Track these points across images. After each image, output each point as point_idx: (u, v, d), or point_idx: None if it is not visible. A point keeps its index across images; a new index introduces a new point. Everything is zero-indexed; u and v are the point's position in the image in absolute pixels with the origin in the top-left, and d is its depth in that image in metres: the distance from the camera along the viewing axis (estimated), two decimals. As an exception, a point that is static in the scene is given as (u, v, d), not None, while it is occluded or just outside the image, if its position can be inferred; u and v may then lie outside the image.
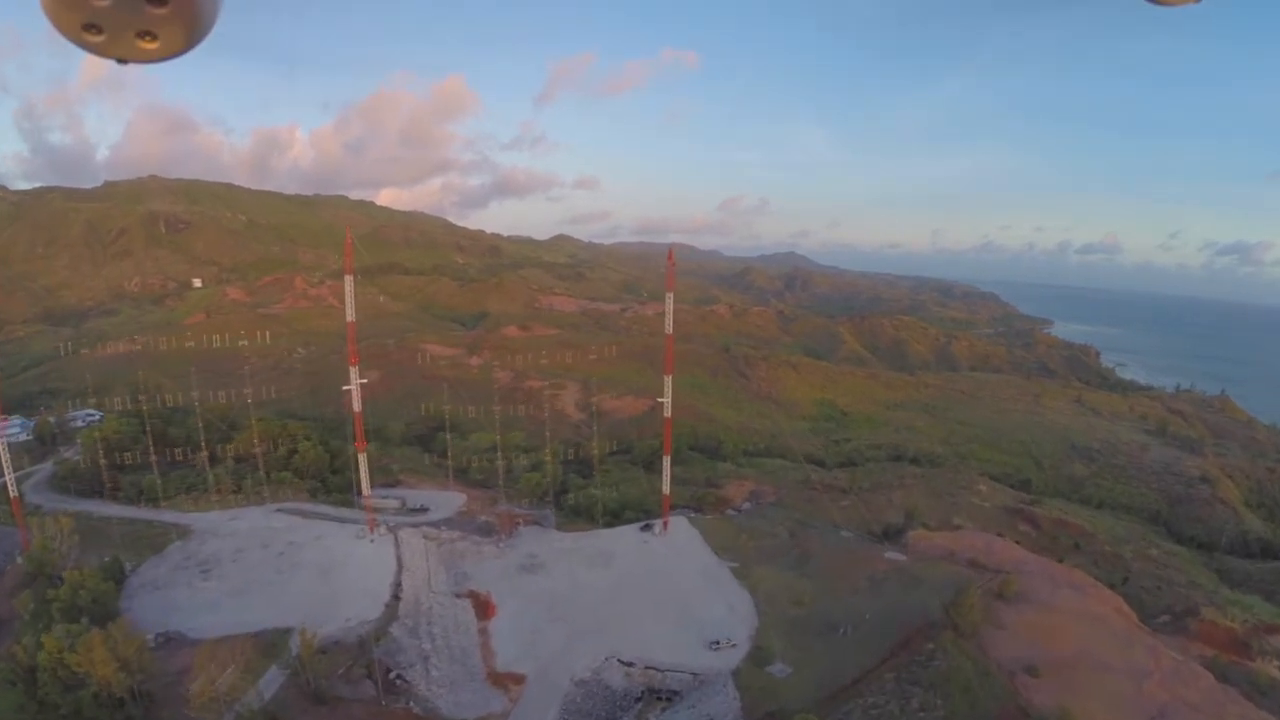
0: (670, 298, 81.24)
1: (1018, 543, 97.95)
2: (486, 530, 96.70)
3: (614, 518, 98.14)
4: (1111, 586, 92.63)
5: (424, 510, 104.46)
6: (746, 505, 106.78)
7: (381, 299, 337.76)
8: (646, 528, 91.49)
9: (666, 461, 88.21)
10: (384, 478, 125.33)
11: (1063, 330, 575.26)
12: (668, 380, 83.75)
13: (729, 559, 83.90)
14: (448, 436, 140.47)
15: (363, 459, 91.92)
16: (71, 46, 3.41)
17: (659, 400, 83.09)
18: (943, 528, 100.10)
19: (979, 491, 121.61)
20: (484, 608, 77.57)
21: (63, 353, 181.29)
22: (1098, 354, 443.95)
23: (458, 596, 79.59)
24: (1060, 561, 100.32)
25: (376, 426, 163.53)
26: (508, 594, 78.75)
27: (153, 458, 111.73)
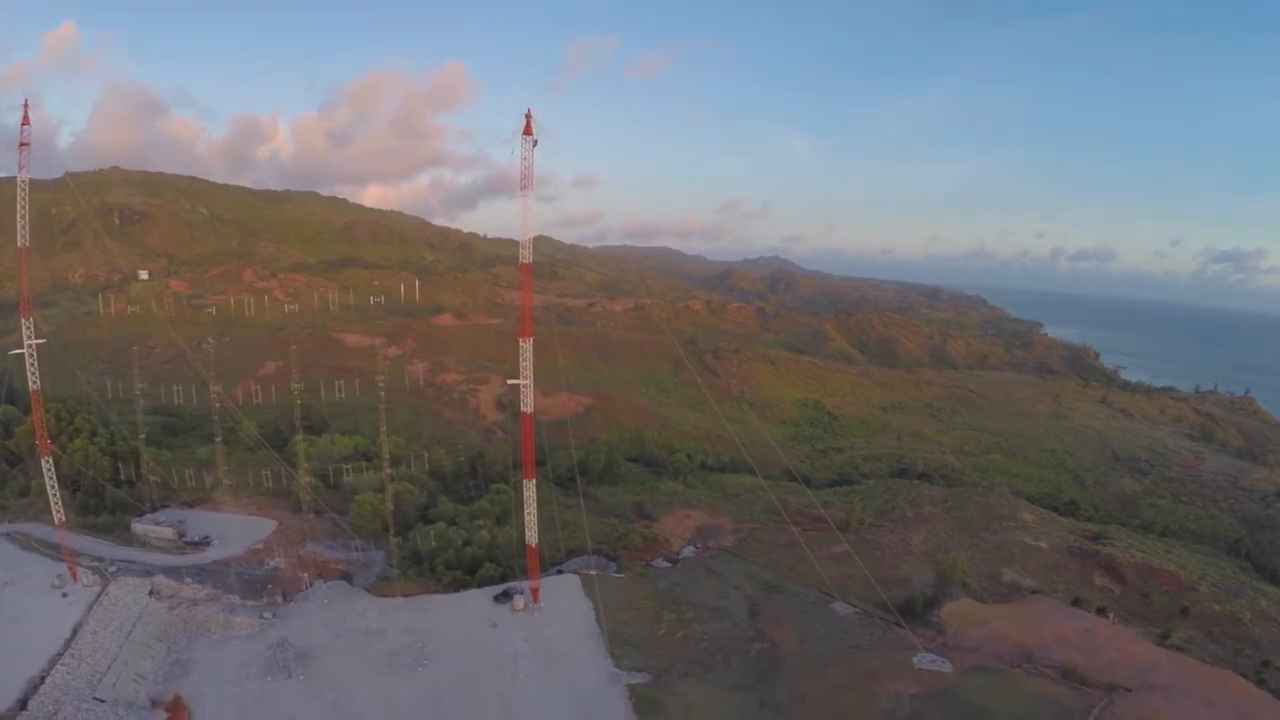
0: (529, 198, 44.28)
1: (1105, 613, 61.86)
2: (259, 585, 59.83)
3: (467, 574, 60.92)
4: (1260, 682, 57.46)
5: (204, 544, 71.84)
6: (688, 551, 69.86)
7: (311, 290, 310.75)
8: (505, 597, 54.42)
9: (529, 490, 51.24)
10: (189, 495, 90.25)
11: (1054, 333, 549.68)
12: (524, 347, 46.82)
13: (632, 665, 46.97)
14: (322, 440, 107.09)
15: (47, 469, 54.84)
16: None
17: (585, 402, 45.91)
18: (992, 589, 63.94)
19: (1025, 523, 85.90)
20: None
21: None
22: (1097, 355, 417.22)
23: (151, 707, 46.39)
24: (1168, 639, 64.75)
25: (231, 426, 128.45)
26: (229, 712, 45.02)
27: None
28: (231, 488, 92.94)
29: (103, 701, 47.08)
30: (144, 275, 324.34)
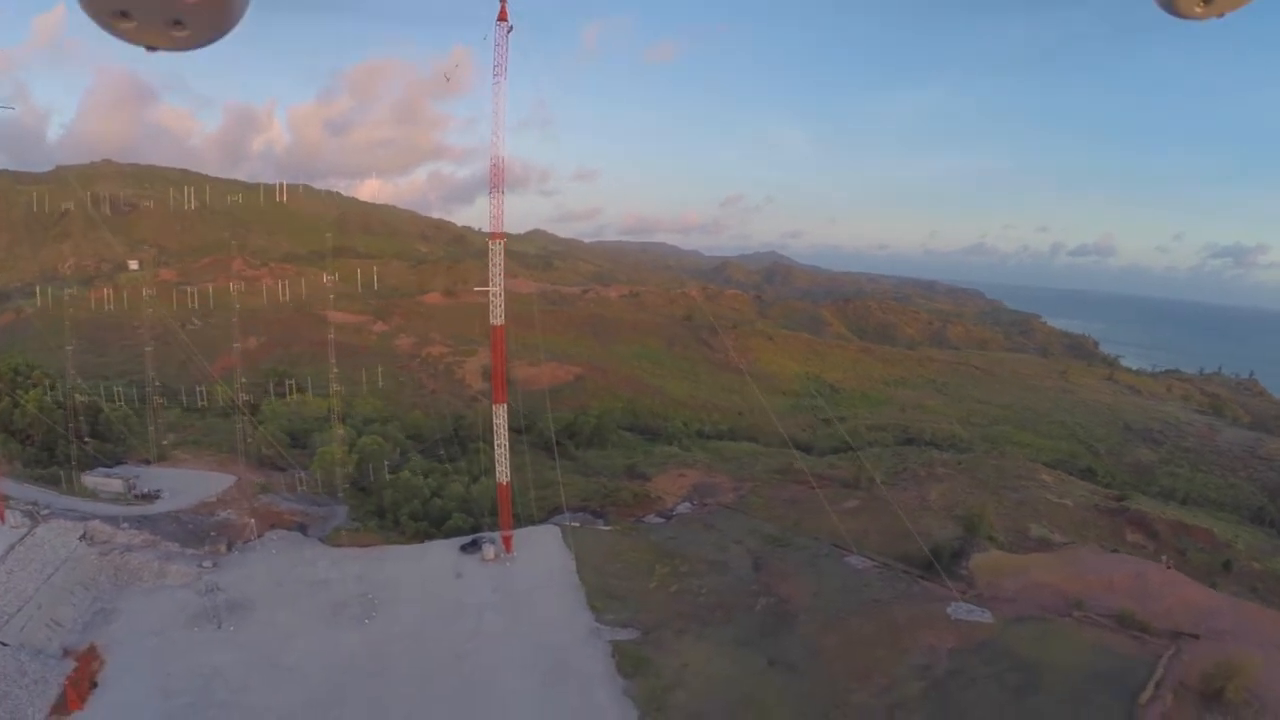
0: (502, 89, 37.67)
1: (1162, 562, 55.60)
2: (202, 535, 53.63)
3: (433, 526, 54.36)
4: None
5: (154, 496, 65.64)
6: (684, 507, 63.27)
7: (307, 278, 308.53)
8: (473, 547, 47.82)
9: (499, 414, 44.51)
10: (149, 451, 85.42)
11: (1053, 324, 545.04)
12: (494, 250, 40.14)
13: (617, 620, 40.33)
14: (288, 402, 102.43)
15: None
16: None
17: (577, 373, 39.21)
18: (1020, 543, 57.62)
19: (1045, 483, 79.76)
20: (81, 688, 36.69)
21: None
22: (1096, 343, 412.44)
23: (63, 656, 40.37)
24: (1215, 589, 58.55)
25: (205, 393, 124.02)
26: (144, 663, 38.54)
27: None
28: (194, 445, 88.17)
29: (5, 645, 41.21)
30: (134, 265, 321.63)
